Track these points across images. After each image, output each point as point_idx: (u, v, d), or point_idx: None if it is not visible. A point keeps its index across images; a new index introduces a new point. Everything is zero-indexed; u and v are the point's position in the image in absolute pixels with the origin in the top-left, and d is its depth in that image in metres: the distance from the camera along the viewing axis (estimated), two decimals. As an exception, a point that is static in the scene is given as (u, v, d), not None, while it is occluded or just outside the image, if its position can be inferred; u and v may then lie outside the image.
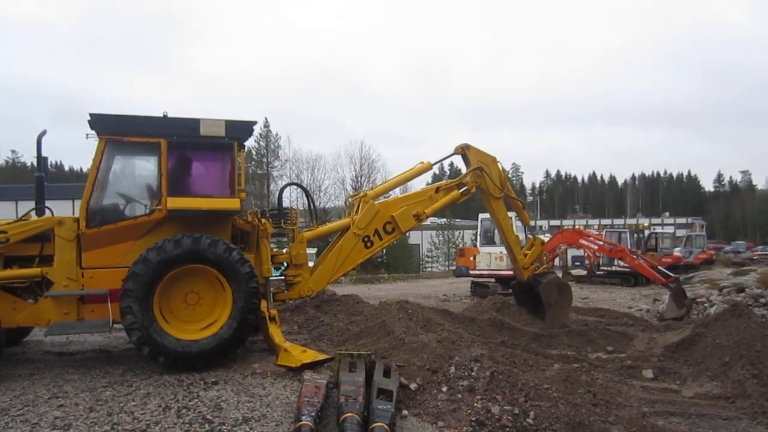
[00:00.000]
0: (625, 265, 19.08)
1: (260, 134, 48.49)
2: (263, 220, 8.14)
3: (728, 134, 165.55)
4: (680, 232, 47.15)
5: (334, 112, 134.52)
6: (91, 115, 7.15)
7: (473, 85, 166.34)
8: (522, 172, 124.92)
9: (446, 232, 45.14)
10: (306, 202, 10.16)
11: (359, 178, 45.63)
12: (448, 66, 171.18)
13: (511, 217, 11.36)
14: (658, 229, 39.26)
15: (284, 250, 9.40)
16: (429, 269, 43.48)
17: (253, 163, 47.52)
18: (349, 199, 10.39)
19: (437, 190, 9.92)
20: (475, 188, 10.14)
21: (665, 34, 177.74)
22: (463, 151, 10.21)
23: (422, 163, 10.18)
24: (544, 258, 11.24)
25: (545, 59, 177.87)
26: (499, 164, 10.43)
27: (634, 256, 16.83)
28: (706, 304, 13.69)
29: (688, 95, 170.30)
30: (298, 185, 16.14)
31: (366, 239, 9.10)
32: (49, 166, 8.33)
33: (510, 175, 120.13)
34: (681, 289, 13.67)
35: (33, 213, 7.48)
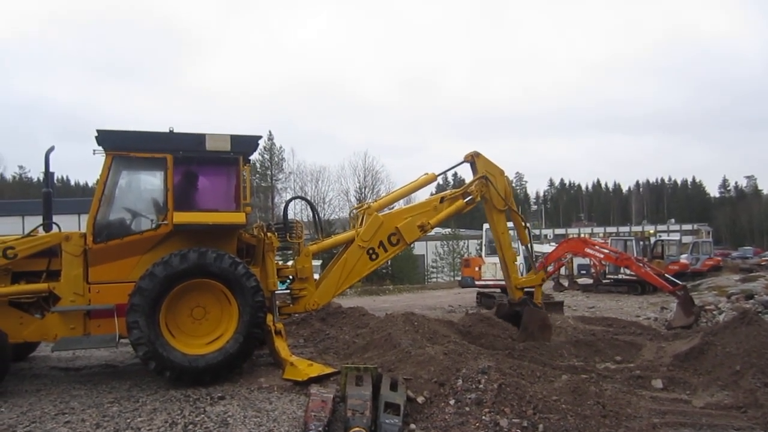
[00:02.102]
0: (632, 273, 18.97)
1: (264, 147, 48.75)
2: (269, 234, 8.16)
3: (730, 140, 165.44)
4: (686, 239, 47.03)
5: (329, 125, 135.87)
6: (98, 131, 7.23)
7: (465, 97, 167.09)
8: (526, 181, 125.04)
9: (451, 242, 45.03)
10: (311, 214, 10.16)
11: (363, 190, 45.67)
12: (437, 79, 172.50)
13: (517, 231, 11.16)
14: (664, 236, 39.14)
15: (289, 263, 9.40)
16: (434, 280, 43.35)
17: (257, 175, 47.73)
18: (353, 211, 10.34)
19: (442, 200, 9.85)
20: (480, 197, 10.05)
21: (648, 45, 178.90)
22: (473, 158, 10.12)
23: (426, 174, 10.13)
24: (541, 295, 10.72)
25: (531, 71, 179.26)
26: (506, 178, 10.36)
27: (641, 264, 16.71)
28: (714, 312, 13.60)
29: (680, 103, 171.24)
30: (303, 198, 16.08)
31: (371, 251, 9.06)
32: (55, 181, 8.39)
33: (514, 185, 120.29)
34: (689, 297, 13.56)
35: (40, 228, 7.53)
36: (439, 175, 10.23)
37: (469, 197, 10.03)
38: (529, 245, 11.12)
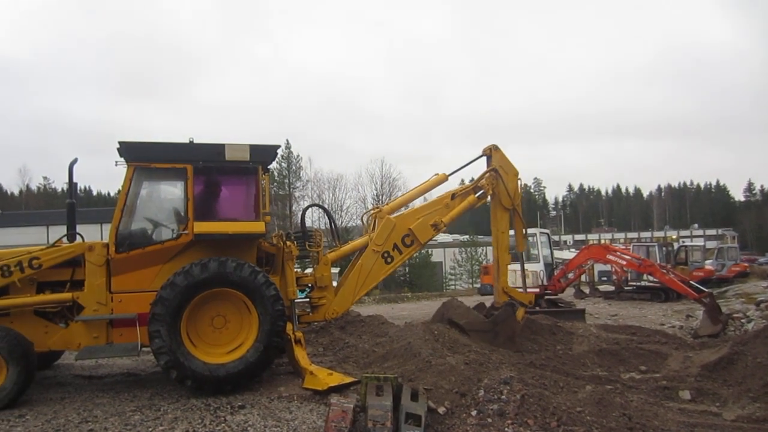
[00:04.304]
0: (655, 279, 18.59)
1: (282, 156, 49.05)
2: (288, 243, 8.17)
3: (751, 143, 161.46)
4: (710, 244, 45.96)
5: (338, 135, 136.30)
6: (120, 143, 7.34)
7: (471, 106, 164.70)
8: (544, 187, 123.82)
9: (469, 249, 44.81)
10: (328, 222, 10.14)
11: (380, 197, 45.68)
12: (442, 89, 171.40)
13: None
14: (688, 242, 38.36)
15: (307, 271, 9.39)
16: (452, 287, 43.09)
17: (275, 184, 48.07)
18: (365, 217, 10.25)
19: (453, 196, 9.68)
20: (491, 191, 9.83)
21: (653, 53, 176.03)
22: (490, 151, 9.96)
23: (437, 174, 9.97)
24: (523, 315, 10.20)
25: (536, 81, 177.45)
26: (519, 180, 10.16)
27: (664, 271, 16.39)
28: (743, 320, 13.22)
29: (691, 109, 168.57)
30: (319, 206, 16.07)
31: (386, 255, 9.00)
32: (78, 192, 8.52)
33: (532, 190, 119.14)
34: (715, 305, 13.22)
35: (64, 239, 7.65)
36: (450, 174, 10.02)
37: (481, 191, 9.85)
38: (522, 252, 10.80)
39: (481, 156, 10.11)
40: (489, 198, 10.03)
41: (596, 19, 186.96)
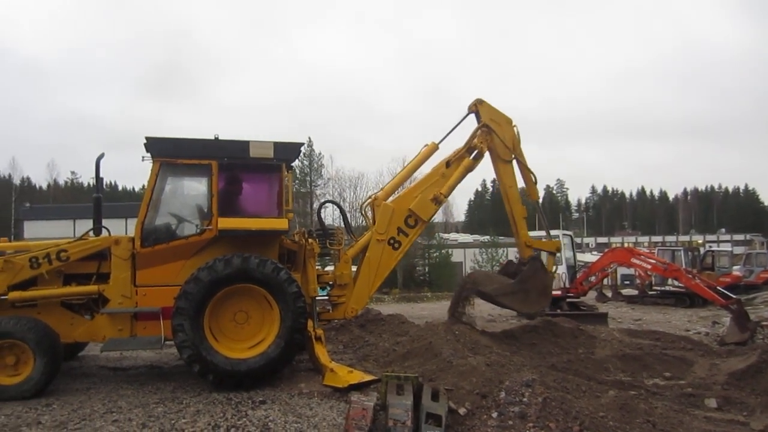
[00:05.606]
0: (679, 284, 18.21)
1: (304, 153, 49.26)
2: (310, 240, 8.20)
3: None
4: (738, 250, 44.92)
5: (354, 134, 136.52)
6: (146, 138, 7.45)
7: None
8: (567, 188, 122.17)
9: (490, 249, 44.44)
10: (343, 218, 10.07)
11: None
12: (455, 89, 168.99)
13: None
14: (714, 247, 37.56)
15: (326, 269, 9.38)
16: (472, 287, 42.73)
17: (297, 181, 48.34)
18: (363, 208, 9.75)
19: (447, 164, 9.31)
20: (486, 149, 9.43)
21: (664, 53, 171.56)
22: (476, 107, 9.52)
23: (427, 145, 9.53)
24: (553, 264, 10.01)
25: (546, 82, 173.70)
26: (515, 127, 9.60)
27: (690, 276, 16.04)
28: (772, 328, 12.85)
29: (719, 109, 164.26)
30: (332, 202, 16.00)
31: (392, 241, 8.80)
32: (104, 186, 8.69)
33: (554, 191, 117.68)
34: (743, 311, 12.87)
35: (91, 233, 7.80)
36: (440, 141, 9.57)
37: (475, 152, 9.46)
38: (537, 200, 10.45)
39: (468, 114, 9.64)
40: (488, 155, 9.60)
41: (601, 17, 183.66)
